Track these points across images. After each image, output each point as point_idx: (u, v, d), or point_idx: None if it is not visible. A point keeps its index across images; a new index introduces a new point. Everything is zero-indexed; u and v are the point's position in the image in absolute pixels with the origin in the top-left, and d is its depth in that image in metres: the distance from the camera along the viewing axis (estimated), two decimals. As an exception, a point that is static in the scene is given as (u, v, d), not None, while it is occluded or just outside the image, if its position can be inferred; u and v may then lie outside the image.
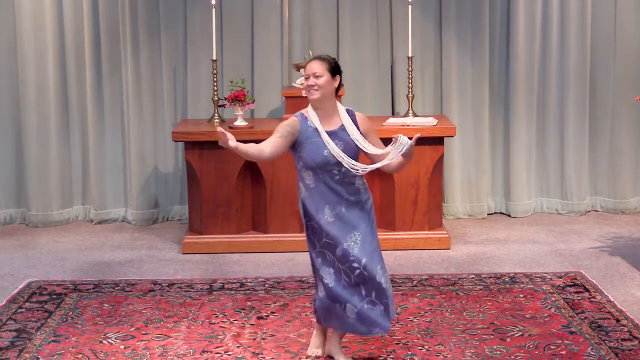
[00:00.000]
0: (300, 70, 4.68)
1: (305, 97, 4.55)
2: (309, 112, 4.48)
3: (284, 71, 7.29)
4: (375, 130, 4.58)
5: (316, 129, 4.43)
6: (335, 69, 4.46)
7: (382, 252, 4.53)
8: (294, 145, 4.45)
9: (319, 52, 4.73)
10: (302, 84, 4.53)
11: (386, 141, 4.74)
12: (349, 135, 4.45)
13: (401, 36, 7.20)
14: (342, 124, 4.47)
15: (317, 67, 4.42)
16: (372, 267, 4.40)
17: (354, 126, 4.48)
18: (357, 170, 4.39)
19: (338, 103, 4.53)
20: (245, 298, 5.54)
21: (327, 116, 4.47)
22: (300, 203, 4.51)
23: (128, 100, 7.24)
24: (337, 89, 4.52)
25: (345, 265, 4.40)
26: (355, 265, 4.39)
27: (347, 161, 4.39)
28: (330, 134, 4.43)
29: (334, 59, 4.52)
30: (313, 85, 4.41)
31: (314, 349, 4.69)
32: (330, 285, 4.40)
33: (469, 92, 7.34)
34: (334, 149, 4.39)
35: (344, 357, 4.62)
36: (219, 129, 4.26)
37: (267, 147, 4.39)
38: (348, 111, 4.53)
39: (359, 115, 4.55)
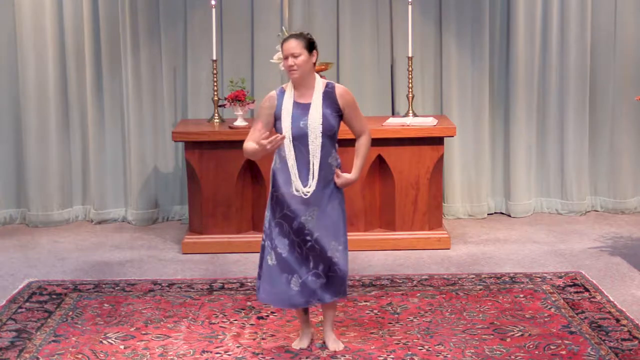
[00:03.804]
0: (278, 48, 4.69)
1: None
2: (288, 86, 4.58)
3: (283, 71, 7.28)
4: (357, 106, 4.62)
5: (292, 103, 4.54)
6: (311, 45, 4.52)
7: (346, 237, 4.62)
8: (275, 118, 4.56)
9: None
10: (278, 59, 4.57)
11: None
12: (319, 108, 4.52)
13: (401, 36, 7.20)
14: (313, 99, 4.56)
15: (295, 46, 4.49)
16: (325, 240, 4.52)
17: (322, 102, 4.51)
18: (300, 193, 4.52)
19: (318, 77, 4.60)
20: (245, 298, 5.54)
21: (305, 90, 4.55)
22: (271, 172, 4.60)
23: (128, 100, 7.24)
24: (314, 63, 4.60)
25: (299, 238, 4.53)
26: (308, 238, 4.52)
27: (295, 182, 4.50)
28: (302, 106, 4.52)
29: (309, 34, 4.58)
30: (292, 66, 4.48)
31: (297, 343, 4.80)
32: (283, 255, 4.52)
33: (469, 92, 7.34)
34: (286, 124, 4.48)
35: (335, 342, 4.75)
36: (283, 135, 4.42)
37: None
38: (328, 84, 4.58)
39: (339, 89, 4.59)
